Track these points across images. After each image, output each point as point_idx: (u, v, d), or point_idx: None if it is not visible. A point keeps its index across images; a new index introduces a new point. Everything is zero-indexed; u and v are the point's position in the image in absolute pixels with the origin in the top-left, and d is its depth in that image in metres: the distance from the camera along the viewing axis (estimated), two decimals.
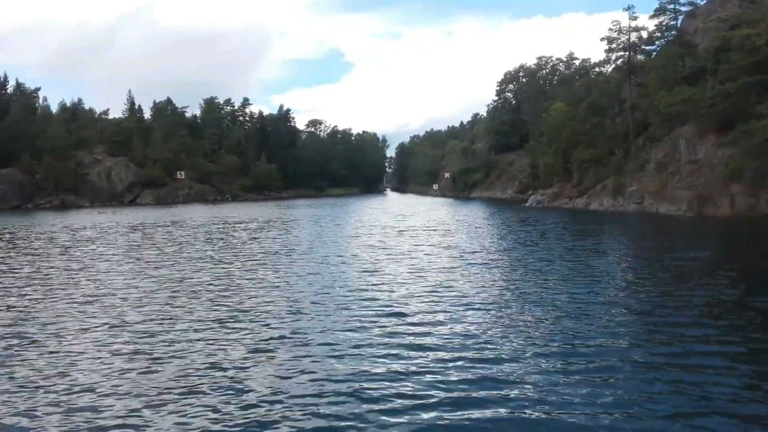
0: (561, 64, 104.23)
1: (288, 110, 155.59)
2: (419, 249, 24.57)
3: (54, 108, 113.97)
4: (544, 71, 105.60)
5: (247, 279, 17.90)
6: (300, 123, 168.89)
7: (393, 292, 15.17)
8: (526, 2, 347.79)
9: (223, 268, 20.29)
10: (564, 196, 55.23)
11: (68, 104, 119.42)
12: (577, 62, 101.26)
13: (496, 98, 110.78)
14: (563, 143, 57.94)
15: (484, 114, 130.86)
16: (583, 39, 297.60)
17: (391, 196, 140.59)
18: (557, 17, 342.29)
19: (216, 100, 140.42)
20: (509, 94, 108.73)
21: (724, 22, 44.60)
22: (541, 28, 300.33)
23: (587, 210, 48.74)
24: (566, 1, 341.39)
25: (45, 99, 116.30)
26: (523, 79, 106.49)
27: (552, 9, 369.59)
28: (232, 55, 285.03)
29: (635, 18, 53.92)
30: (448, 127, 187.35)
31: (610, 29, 55.13)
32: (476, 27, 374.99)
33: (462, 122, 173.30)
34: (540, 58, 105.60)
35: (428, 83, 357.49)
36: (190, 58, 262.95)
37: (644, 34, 54.79)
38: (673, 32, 51.26)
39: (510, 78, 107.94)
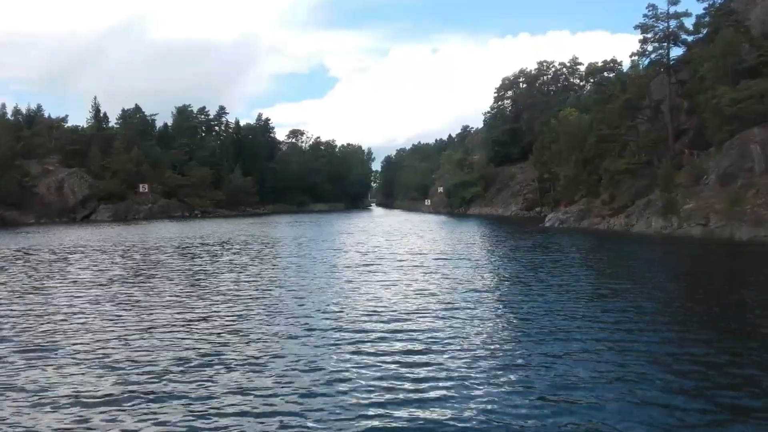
0: (564, 69, 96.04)
1: (267, 120, 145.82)
2: (442, 299, 14.74)
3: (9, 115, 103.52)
4: (545, 77, 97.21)
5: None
6: (282, 135, 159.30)
7: None
8: (511, 21, 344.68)
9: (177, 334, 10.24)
10: (593, 214, 45.74)
11: (24, 111, 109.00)
12: (581, 68, 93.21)
13: (493, 106, 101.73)
14: (588, 152, 48.66)
15: (477, 126, 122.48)
16: (569, 56, 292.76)
17: (378, 212, 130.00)
18: (542, 35, 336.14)
19: (189, 108, 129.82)
20: (507, 102, 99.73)
21: None
22: (526, 46, 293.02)
23: (630, 233, 39.03)
24: (551, 20, 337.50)
25: (3, 106, 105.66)
26: (523, 86, 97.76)
27: (537, 27, 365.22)
28: (218, 69, 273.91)
29: (676, 2, 45.16)
30: (436, 140, 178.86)
31: (645, 15, 46.31)
32: (462, 44, 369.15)
33: (451, 135, 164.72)
34: (541, 63, 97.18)
35: (415, 99, 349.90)
36: (176, 73, 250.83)
37: (686, 22, 46.14)
38: (727, 16, 42.38)
39: (509, 84, 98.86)
